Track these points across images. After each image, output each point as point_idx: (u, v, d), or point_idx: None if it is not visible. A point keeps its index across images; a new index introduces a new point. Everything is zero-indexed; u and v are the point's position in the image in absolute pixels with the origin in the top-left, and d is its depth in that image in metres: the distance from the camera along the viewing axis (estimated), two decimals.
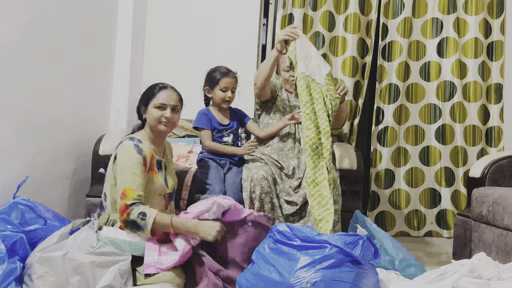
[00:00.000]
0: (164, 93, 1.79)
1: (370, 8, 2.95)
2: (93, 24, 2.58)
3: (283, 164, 2.19)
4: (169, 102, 1.79)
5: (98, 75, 2.69)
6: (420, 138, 2.92)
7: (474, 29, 2.87)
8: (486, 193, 2.07)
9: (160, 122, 1.78)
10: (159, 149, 1.86)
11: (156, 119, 1.77)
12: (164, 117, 1.77)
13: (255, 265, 1.43)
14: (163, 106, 1.78)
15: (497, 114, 2.88)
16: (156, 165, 1.79)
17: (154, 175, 1.76)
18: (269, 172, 2.08)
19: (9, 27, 1.85)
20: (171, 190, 1.89)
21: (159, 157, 1.83)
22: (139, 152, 1.70)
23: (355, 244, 1.34)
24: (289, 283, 1.29)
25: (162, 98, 1.78)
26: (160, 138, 1.86)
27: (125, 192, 1.62)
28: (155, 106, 1.78)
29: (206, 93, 2.25)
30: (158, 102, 1.78)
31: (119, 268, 1.48)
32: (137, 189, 1.63)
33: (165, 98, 1.78)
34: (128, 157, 1.68)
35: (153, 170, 1.76)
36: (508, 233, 1.85)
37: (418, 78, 2.93)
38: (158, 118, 1.77)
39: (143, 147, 1.73)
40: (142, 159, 1.69)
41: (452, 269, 1.45)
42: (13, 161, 1.93)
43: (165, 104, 1.78)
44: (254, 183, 2.01)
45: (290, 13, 2.93)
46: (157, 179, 1.77)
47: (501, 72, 2.89)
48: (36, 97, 2.07)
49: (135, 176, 1.65)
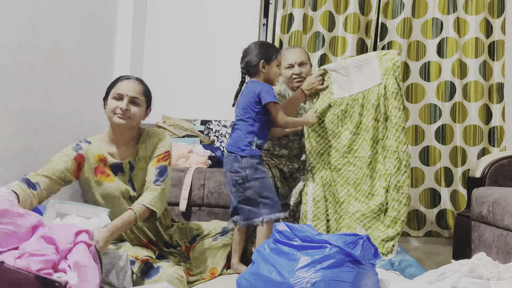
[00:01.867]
0: (124, 83, 1.66)
1: (370, 8, 2.94)
2: (93, 25, 2.58)
3: (284, 168, 2.20)
4: (127, 93, 1.63)
5: (98, 75, 2.69)
6: (420, 138, 2.91)
7: (475, 29, 2.87)
8: (486, 193, 2.06)
9: (115, 113, 1.63)
10: (122, 149, 1.73)
11: (111, 110, 1.64)
12: (119, 108, 1.62)
13: (254, 265, 1.43)
14: (120, 96, 1.64)
15: (499, 114, 2.88)
16: (110, 168, 1.70)
17: (104, 178, 1.69)
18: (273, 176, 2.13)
19: (9, 27, 1.85)
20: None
21: (118, 159, 1.71)
22: (75, 149, 1.66)
23: (355, 244, 1.33)
24: (289, 283, 1.28)
25: (120, 88, 1.65)
26: (121, 136, 1.70)
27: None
28: (112, 97, 1.65)
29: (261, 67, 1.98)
30: (116, 92, 1.64)
31: (116, 266, 1.47)
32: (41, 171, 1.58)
33: (123, 88, 1.64)
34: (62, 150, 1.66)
35: (103, 173, 1.69)
36: (508, 233, 1.85)
37: (418, 78, 2.93)
38: (113, 109, 1.63)
39: (87, 147, 1.68)
40: (74, 155, 1.65)
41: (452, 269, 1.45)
42: (13, 161, 1.92)
43: (121, 94, 1.64)
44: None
45: (290, 13, 2.93)
46: (111, 182, 1.69)
47: (503, 71, 2.89)
48: (36, 97, 2.07)
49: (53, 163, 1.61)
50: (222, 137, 2.85)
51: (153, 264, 1.60)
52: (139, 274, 1.57)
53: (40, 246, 1.19)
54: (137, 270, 1.58)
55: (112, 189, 1.69)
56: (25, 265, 1.11)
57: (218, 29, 3.10)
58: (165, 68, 3.10)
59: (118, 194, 1.69)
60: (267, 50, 2.01)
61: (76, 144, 1.69)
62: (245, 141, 1.91)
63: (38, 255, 1.15)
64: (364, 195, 1.97)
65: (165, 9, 3.13)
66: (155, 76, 3.12)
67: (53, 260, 1.17)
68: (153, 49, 3.13)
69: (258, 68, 1.97)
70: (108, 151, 1.71)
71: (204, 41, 3.10)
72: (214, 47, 3.09)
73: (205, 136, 2.82)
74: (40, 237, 1.22)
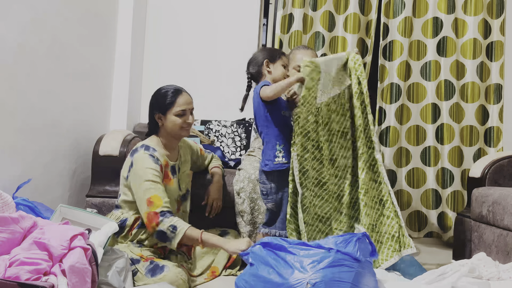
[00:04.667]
0: (182, 99, 1.78)
1: (370, 8, 2.95)
2: (93, 24, 2.58)
3: None
4: (189, 107, 1.80)
5: (98, 75, 2.69)
6: (422, 138, 2.91)
7: (473, 30, 2.87)
8: (486, 193, 2.06)
9: (182, 128, 1.79)
10: (172, 153, 1.86)
11: (178, 126, 1.78)
12: (186, 123, 1.79)
13: (254, 266, 1.43)
14: (184, 113, 1.78)
15: (497, 114, 2.88)
16: (170, 172, 1.80)
17: (168, 183, 1.78)
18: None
19: (9, 27, 1.85)
20: (185, 191, 1.90)
21: (173, 162, 1.85)
22: (156, 162, 1.72)
23: (349, 242, 1.35)
24: (290, 284, 1.29)
25: (182, 105, 1.78)
26: (176, 142, 1.87)
27: (152, 199, 1.64)
28: (176, 114, 1.77)
29: (265, 66, 1.95)
30: (180, 109, 1.77)
31: (116, 266, 1.48)
32: (162, 196, 1.66)
33: (184, 104, 1.78)
34: (147, 166, 1.69)
35: (167, 177, 1.78)
36: (508, 233, 1.85)
37: (419, 78, 2.93)
38: (180, 124, 1.78)
39: (158, 155, 1.74)
40: (159, 167, 1.72)
41: (452, 269, 1.45)
42: (13, 161, 1.92)
43: (185, 110, 1.78)
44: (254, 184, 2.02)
45: (290, 13, 2.93)
46: (171, 185, 1.79)
47: (501, 72, 2.88)
48: (36, 97, 2.07)
49: (157, 184, 1.68)
50: (222, 137, 2.85)
51: (158, 263, 1.61)
52: (144, 273, 1.58)
53: (32, 253, 1.19)
54: (142, 269, 1.59)
55: (173, 191, 1.79)
56: (14, 274, 1.11)
57: (218, 29, 3.10)
58: (165, 67, 3.10)
59: (175, 196, 1.81)
60: (272, 50, 2.02)
61: (150, 155, 1.72)
62: (268, 154, 1.86)
63: (29, 263, 1.15)
64: (348, 207, 1.87)
65: (165, 8, 3.13)
66: (155, 76, 3.12)
67: (45, 269, 1.16)
68: (153, 49, 3.13)
69: (262, 70, 1.95)
70: (166, 154, 1.82)
71: (204, 41, 3.10)
72: (214, 47, 3.09)
73: (205, 136, 2.82)
74: (33, 242, 1.21)
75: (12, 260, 1.15)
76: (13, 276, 1.11)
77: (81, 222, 1.56)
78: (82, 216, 1.59)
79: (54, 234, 1.26)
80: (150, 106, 1.84)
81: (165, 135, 1.82)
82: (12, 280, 1.09)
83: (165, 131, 1.81)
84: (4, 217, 1.23)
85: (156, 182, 1.68)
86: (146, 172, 1.68)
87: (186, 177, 1.95)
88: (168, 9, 3.14)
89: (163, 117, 1.79)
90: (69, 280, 1.17)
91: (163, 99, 1.79)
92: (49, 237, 1.24)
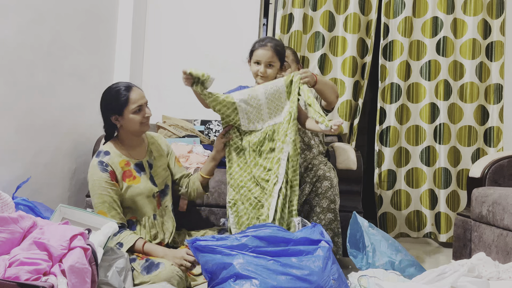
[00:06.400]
0: (135, 95, 1.73)
1: (370, 8, 2.95)
2: (93, 24, 2.58)
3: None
4: (144, 101, 1.75)
5: (98, 75, 2.69)
6: (421, 138, 2.91)
7: (472, 30, 2.87)
8: (486, 193, 2.06)
9: (142, 123, 1.75)
10: (137, 151, 1.83)
11: (138, 122, 1.74)
12: (145, 118, 1.75)
13: (259, 280, 1.27)
14: (141, 108, 1.74)
15: (497, 114, 2.88)
16: (135, 170, 1.77)
17: (132, 181, 1.75)
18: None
19: (9, 27, 1.85)
20: (163, 187, 1.87)
21: (137, 159, 1.81)
22: (104, 170, 1.69)
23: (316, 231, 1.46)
24: (319, 284, 1.31)
25: (137, 100, 1.73)
26: (139, 139, 1.84)
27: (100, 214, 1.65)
28: (133, 111, 1.72)
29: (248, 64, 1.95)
30: (136, 106, 1.72)
31: (116, 266, 1.48)
32: (108, 210, 1.66)
33: (139, 98, 1.74)
34: (94, 177, 1.69)
35: (131, 176, 1.75)
36: (508, 233, 1.85)
37: (419, 78, 2.93)
38: (140, 120, 1.74)
39: (108, 161, 1.71)
40: (109, 175, 1.69)
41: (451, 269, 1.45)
42: (13, 161, 1.93)
43: (141, 105, 1.74)
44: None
45: (290, 13, 2.93)
46: (139, 183, 1.76)
47: (501, 72, 2.88)
48: (36, 97, 2.07)
49: (104, 197, 1.67)
50: None
51: (154, 261, 1.61)
52: (140, 270, 1.58)
53: (32, 253, 1.19)
54: (138, 267, 1.59)
55: (142, 189, 1.76)
56: (14, 274, 1.11)
57: (218, 29, 3.10)
58: (165, 67, 3.10)
59: (147, 193, 1.77)
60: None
61: (99, 162, 1.70)
62: None
63: (29, 263, 1.15)
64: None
65: (165, 9, 3.14)
66: (155, 76, 3.12)
67: (44, 269, 1.16)
68: (153, 48, 3.13)
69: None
70: (126, 154, 1.79)
71: (204, 40, 3.10)
72: (214, 47, 3.09)
73: (205, 136, 2.82)
74: (32, 242, 1.22)
75: (12, 260, 1.15)
76: (13, 276, 1.11)
77: (81, 222, 1.56)
78: (82, 216, 1.59)
79: (53, 234, 1.26)
80: (103, 109, 1.77)
81: (125, 135, 1.79)
82: (11, 280, 1.09)
83: (124, 131, 1.78)
84: (4, 217, 1.23)
85: (103, 194, 1.67)
86: (94, 185, 1.68)
87: (163, 172, 1.89)
88: (168, 9, 3.14)
89: (120, 118, 1.74)
90: (69, 280, 1.17)
91: (116, 99, 1.73)
92: (48, 237, 1.24)
